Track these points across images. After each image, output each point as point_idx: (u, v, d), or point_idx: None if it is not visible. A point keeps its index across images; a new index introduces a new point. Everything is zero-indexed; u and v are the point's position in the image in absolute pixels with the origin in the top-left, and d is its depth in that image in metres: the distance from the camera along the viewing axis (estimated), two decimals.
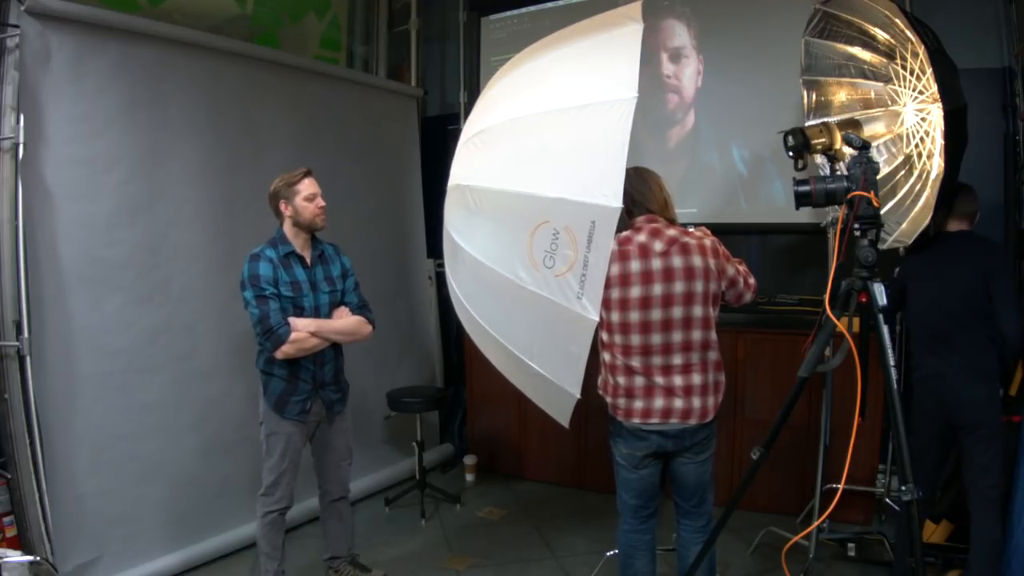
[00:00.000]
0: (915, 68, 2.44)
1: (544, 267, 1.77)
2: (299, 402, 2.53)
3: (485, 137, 1.89)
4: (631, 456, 2.12)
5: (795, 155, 2.07)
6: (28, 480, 2.61)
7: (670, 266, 2.01)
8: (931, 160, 2.42)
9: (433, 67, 4.80)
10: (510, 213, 1.81)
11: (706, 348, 2.07)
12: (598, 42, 1.85)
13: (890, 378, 1.60)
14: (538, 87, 1.88)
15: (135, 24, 2.82)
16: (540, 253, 1.76)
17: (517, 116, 1.83)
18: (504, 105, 1.92)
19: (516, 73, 2.01)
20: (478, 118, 1.98)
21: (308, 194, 2.52)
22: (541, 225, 1.74)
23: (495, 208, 1.84)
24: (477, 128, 1.92)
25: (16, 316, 2.58)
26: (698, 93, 3.79)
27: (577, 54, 1.88)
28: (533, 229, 1.76)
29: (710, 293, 2.05)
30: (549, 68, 1.92)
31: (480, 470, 4.15)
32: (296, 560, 2.98)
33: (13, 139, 2.53)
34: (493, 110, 1.94)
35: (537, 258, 1.77)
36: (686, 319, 2.02)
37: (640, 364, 2.02)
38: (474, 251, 1.89)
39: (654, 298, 2.00)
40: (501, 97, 1.97)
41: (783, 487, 3.37)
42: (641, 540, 2.23)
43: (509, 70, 2.07)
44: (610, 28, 1.86)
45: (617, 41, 1.79)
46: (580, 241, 1.72)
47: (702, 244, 2.06)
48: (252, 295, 2.42)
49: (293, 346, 2.43)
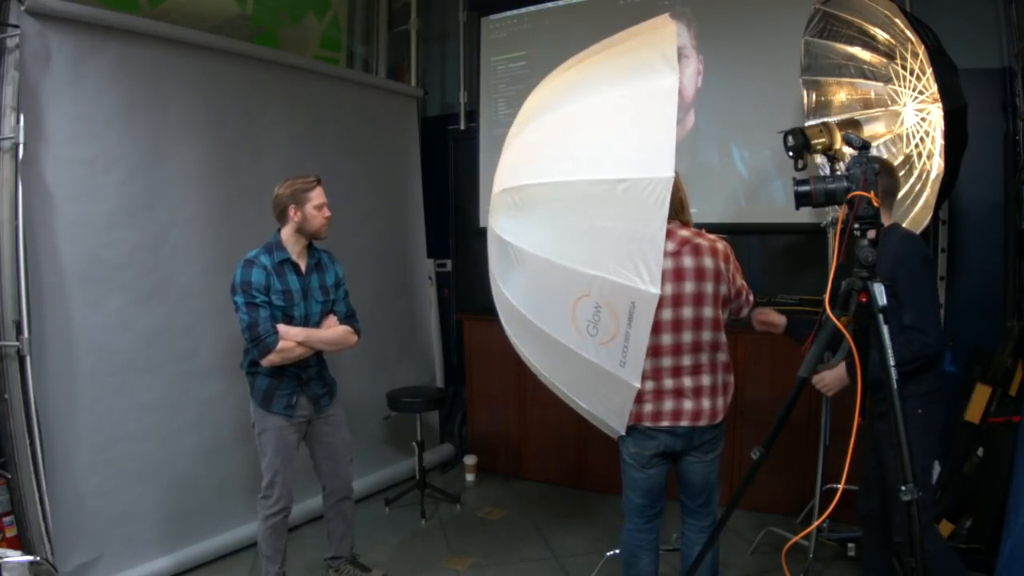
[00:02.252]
0: (915, 68, 2.45)
1: (588, 334, 1.83)
2: (285, 396, 2.54)
3: (524, 196, 1.88)
4: (639, 456, 2.12)
5: (795, 155, 2.06)
6: (28, 480, 2.61)
7: (681, 266, 2.02)
8: (931, 160, 2.43)
9: (433, 67, 4.79)
10: (552, 279, 1.84)
11: (715, 349, 2.08)
12: (635, 94, 1.78)
13: (890, 378, 1.60)
14: (574, 142, 1.84)
15: (135, 24, 2.82)
16: (583, 321, 1.82)
17: (555, 181, 1.82)
18: (541, 159, 1.88)
19: (550, 113, 1.96)
20: (516, 164, 1.96)
21: (319, 203, 2.52)
22: (582, 297, 1.79)
23: (536, 270, 1.87)
24: (514, 182, 1.90)
25: (16, 316, 2.58)
26: (698, 93, 3.80)
27: (612, 104, 1.82)
28: (575, 300, 1.80)
29: (720, 295, 2.06)
30: (585, 118, 1.87)
31: (480, 470, 4.15)
32: (296, 560, 2.98)
33: (13, 139, 2.53)
34: (530, 161, 1.91)
35: (581, 325, 1.82)
36: (697, 319, 2.03)
37: (650, 367, 2.02)
38: (517, 303, 1.95)
39: (664, 298, 2.00)
40: (537, 144, 1.94)
41: (783, 487, 3.37)
42: (646, 540, 2.23)
43: (543, 104, 2.02)
44: (646, 73, 1.78)
45: (655, 96, 1.73)
46: (621, 317, 1.77)
47: (714, 247, 2.07)
48: (243, 301, 2.42)
49: (279, 355, 2.44)
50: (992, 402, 2.91)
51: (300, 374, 2.57)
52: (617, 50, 1.93)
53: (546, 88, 2.06)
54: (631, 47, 1.90)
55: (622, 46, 1.93)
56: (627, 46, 1.91)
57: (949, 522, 2.85)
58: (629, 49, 1.89)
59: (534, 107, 2.04)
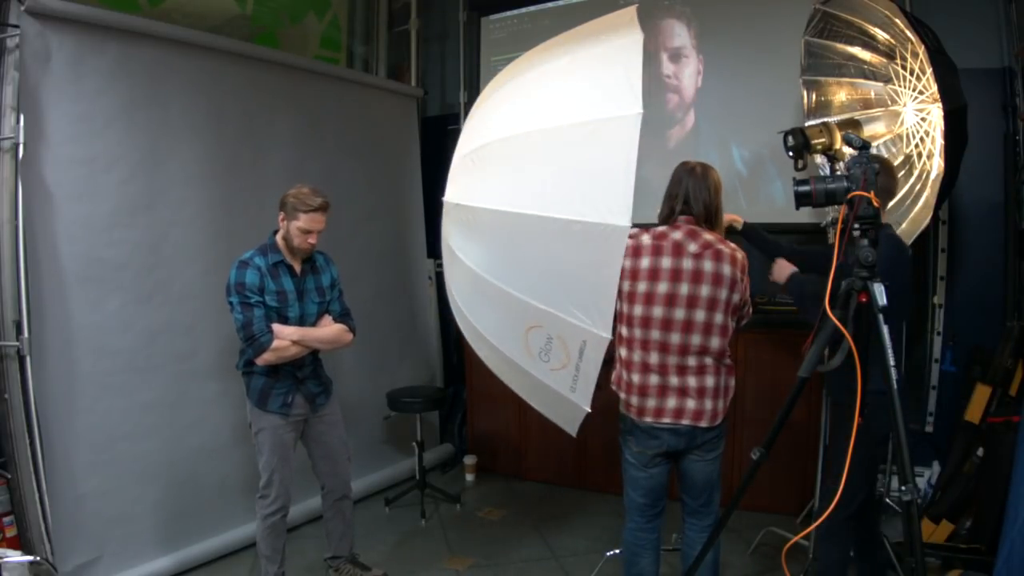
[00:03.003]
0: (915, 68, 2.44)
1: (540, 360, 1.80)
2: (280, 394, 2.54)
3: (476, 217, 1.80)
4: (642, 455, 2.13)
5: (795, 155, 2.07)
6: (28, 480, 2.61)
7: (700, 268, 2.03)
8: (931, 160, 2.42)
9: (433, 67, 4.79)
10: (506, 305, 1.79)
11: (721, 356, 2.10)
12: (595, 121, 1.65)
13: (890, 378, 1.60)
14: (530, 169, 1.74)
15: (135, 24, 2.81)
16: (536, 348, 1.79)
17: (508, 211, 1.73)
18: (496, 177, 1.79)
19: (507, 104, 1.86)
20: (471, 177, 1.86)
21: (305, 228, 2.47)
22: (535, 327, 1.76)
23: (491, 295, 1.81)
24: (468, 200, 1.82)
25: (16, 316, 2.58)
26: (698, 93, 3.79)
27: (571, 130, 1.70)
28: (528, 328, 1.77)
29: (732, 303, 2.08)
30: (542, 141, 1.74)
31: (480, 470, 4.15)
32: (296, 560, 2.98)
33: (13, 139, 2.53)
34: (486, 177, 1.82)
35: (533, 351, 1.80)
36: (707, 324, 2.05)
37: (657, 361, 2.03)
38: (472, 318, 1.91)
39: (680, 296, 2.02)
40: (494, 155, 1.83)
41: (783, 487, 3.37)
42: (647, 539, 2.24)
43: (501, 96, 1.92)
44: (605, 96, 1.66)
45: (616, 133, 1.61)
46: (572, 352, 1.73)
47: (735, 255, 2.09)
48: (237, 301, 2.43)
49: (274, 354, 2.44)
50: (992, 402, 2.91)
51: (295, 373, 2.58)
52: (575, 59, 1.82)
53: (509, 77, 1.96)
54: (589, 59, 1.78)
55: (580, 54, 1.82)
56: (584, 56, 1.80)
57: (949, 522, 2.85)
58: (587, 62, 1.78)
59: (498, 90, 1.94)
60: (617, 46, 1.70)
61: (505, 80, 1.94)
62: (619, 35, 1.72)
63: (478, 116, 1.93)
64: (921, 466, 3.27)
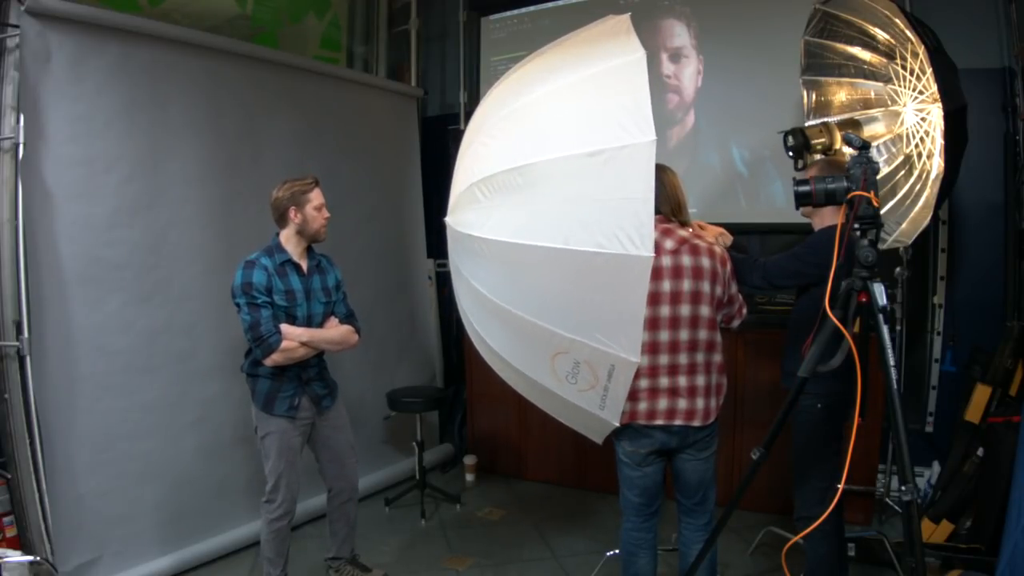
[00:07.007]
0: (915, 68, 2.44)
1: (567, 382, 1.83)
2: (287, 398, 2.54)
3: (488, 246, 1.75)
4: (635, 454, 2.13)
5: (795, 155, 2.07)
6: (28, 480, 2.61)
7: (679, 264, 2.03)
8: (931, 160, 2.42)
9: (433, 67, 4.79)
10: (530, 333, 1.78)
11: (711, 349, 2.09)
12: (606, 158, 1.64)
13: (890, 378, 1.60)
14: (543, 188, 1.69)
15: (135, 24, 2.82)
16: (563, 372, 1.81)
17: (524, 243, 1.69)
18: (508, 207, 1.72)
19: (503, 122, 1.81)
20: (471, 169, 1.80)
21: (318, 204, 2.53)
22: (561, 353, 1.78)
23: (515, 325, 1.80)
24: (479, 232, 1.76)
25: (16, 316, 2.59)
26: (698, 93, 3.80)
27: (583, 165, 1.66)
28: (554, 354, 1.79)
29: (715, 295, 2.07)
30: (554, 166, 1.69)
31: (480, 470, 4.15)
32: (296, 560, 2.97)
33: (13, 139, 2.53)
34: (492, 208, 1.75)
35: (560, 375, 1.82)
36: (693, 317, 2.04)
37: (647, 363, 2.02)
38: (494, 344, 1.91)
39: (663, 294, 2.02)
40: (502, 185, 1.75)
41: (783, 487, 3.36)
42: (644, 539, 2.23)
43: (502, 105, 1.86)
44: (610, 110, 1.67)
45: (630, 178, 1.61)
46: (601, 375, 1.77)
47: (711, 248, 2.09)
48: (244, 301, 2.42)
49: (283, 355, 2.44)
50: (992, 402, 2.91)
51: (301, 374, 2.57)
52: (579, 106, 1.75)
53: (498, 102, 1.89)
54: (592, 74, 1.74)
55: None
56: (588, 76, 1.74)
57: (949, 522, 2.85)
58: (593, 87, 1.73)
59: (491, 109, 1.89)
60: (621, 66, 1.69)
61: (506, 97, 1.87)
62: (622, 51, 1.71)
63: (481, 138, 1.85)
64: (921, 466, 3.28)
